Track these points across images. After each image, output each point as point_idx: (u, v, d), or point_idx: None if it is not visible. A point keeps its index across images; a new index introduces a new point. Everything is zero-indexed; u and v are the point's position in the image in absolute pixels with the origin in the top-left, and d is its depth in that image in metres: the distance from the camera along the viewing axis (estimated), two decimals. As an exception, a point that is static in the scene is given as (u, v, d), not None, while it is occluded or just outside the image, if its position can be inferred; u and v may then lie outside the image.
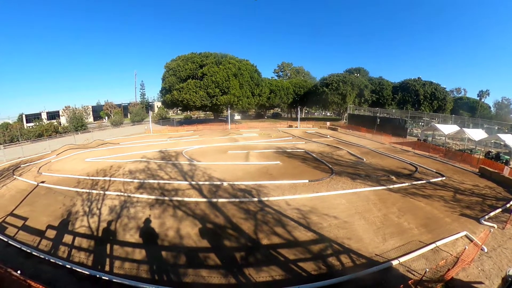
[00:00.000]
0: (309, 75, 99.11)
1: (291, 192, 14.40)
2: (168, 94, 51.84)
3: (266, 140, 33.04)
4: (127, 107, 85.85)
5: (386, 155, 24.02)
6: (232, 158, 22.57)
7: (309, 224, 10.78)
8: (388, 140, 32.43)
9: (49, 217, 11.83)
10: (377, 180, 16.58)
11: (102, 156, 23.92)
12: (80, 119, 54.30)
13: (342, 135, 38.25)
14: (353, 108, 56.24)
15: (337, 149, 26.61)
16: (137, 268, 8.14)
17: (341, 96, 56.36)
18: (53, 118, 71.69)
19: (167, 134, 41.34)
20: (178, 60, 53.02)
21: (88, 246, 9.47)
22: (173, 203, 13.03)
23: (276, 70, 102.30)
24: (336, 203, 12.95)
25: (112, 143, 32.87)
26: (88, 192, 14.68)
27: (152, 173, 18.09)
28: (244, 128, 49.15)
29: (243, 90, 50.62)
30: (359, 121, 46.80)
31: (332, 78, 58.18)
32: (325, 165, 20.20)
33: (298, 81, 71.30)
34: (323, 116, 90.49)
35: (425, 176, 17.50)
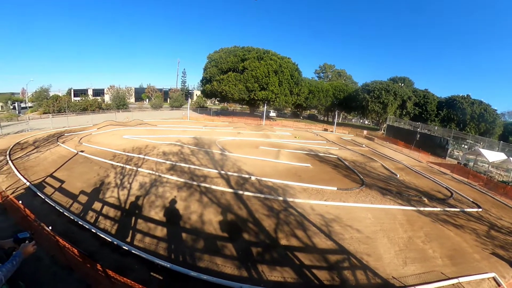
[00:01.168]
0: (351, 79, 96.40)
1: (318, 197, 14.03)
2: (208, 84, 53.01)
3: (299, 141, 32.70)
4: (167, 92, 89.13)
5: (421, 174, 22.66)
6: (263, 154, 22.55)
7: (331, 233, 10.43)
8: (426, 159, 30.55)
9: (83, 183, 12.68)
10: (408, 199, 15.66)
11: (139, 135, 25.11)
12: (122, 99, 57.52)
13: (378, 146, 36.77)
14: (393, 119, 53.09)
15: (371, 160, 25.62)
16: (156, 244, 8.38)
17: (382, 105, 53.92)
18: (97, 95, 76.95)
19: (203, 122, 42.37)
20: (221, 52, 53.98)
21: (115, 216, 9.95)
22: (201, 188, 13.23)
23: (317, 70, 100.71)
24: (361, 216, 12.42)
25: (150, 124, 34.45)
26: (122, 166, 15.42)
27: (184, 157, 18.57)
28: (278, 125, 48.89)
29: (281, 88, 50.30)
30: (398, 134, 44.59)
31: (375, 85, 55.80)
32: (356, 175, 19.50)
33: (339, 84, 69.46)
34: (361, 123, 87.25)
35: (460, 204, 16.13)
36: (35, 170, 14.43)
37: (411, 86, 66.76)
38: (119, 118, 36.69)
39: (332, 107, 67.78)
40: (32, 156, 17.01)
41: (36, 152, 17.97)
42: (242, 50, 53.26)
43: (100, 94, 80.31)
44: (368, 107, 55.31)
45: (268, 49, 53.94)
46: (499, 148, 35.21)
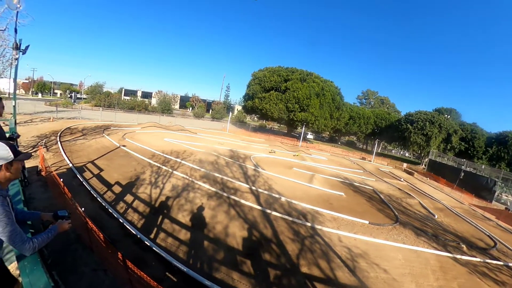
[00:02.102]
0: (394, 107, 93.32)
1: (347, 228, 13.23)
2: (250, 100, 54.29)
3: (334, 167, 31.85)
4: (210, 103, 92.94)
5: (462, 218, 20.60)
6: (296, 176, 22.10)
7: (355, 269, 9.66)
8: (469, 201, 27.84)
9: (120, 175, 13.36)
10: (444, 244, 14.17)
11: (179, 140, 26.08)
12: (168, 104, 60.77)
13: (417, 182, 34.46)
14: (436, 153, 48.62)
15: (408, 196, 24.03)
16: (177, 246, 8.40)
17: (425, 137, 51.05)
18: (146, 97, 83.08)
19: (240, 137, 42.91)
20: (265, 71, 55.32)
21: (143, 211, 10.23)
22: (230, 200, 13.17)
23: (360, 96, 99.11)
24: (391, 255, 11.47)
25: (190, 131, 35.72)
26: (159, 166, 15.97)
27: (219, 168, 18.78)
28: (315, 149, 48.09)
29: (322, 111, 49.98)
30: (440, 170, 41.40)
31: (419, 116, 53.18)
32: (391, 210, 18.29)
33: (381, 112, 67.36)
34: (401, 155, 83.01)
35: (504, 257, 14.19)
36: (79, 154, 15.78)
37: (458, 118, 61.94)
38: (162, 121, 38.67)
39: (372, 135, 65.65)
40: (79, 142, 18.72)
41: (83, 139, 19.76)
42: (286, 70, 54.13)
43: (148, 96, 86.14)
44: (410, 139, 52.62)
45: (311, 71, 54.46)
46: None
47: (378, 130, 64.35)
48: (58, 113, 31.67)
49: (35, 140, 17.97)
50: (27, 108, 33.28)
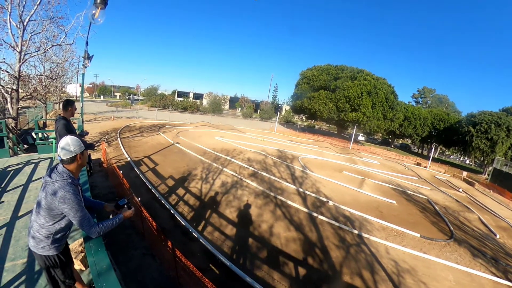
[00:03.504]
0: (454, 107, 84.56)
1: (396, 240, 12.34)
2: (299, 100, 53.79)
3: (386, 172, 30.15)
4: (258, 104, 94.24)
5: None
6: (345, 180, 21.28)
7: (400, 285, 8.82)
8: None
9: (173, 170, 14.37)
10: (505, 270, 12.23)
11: (229, 139, 27.02)
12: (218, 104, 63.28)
13: (478, 194, 30.71)
14: (502, 161, 41.46)
15: (466, 210, 21.40)
16: (223, 240, 8.69)
17: (489, 142, 44.16)
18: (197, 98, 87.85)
19: (288, 137, 42.68)
20: (314, 69, 54.27)
21: (193, 204, 10.80)
22: (276, 201, 13.19)
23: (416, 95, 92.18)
24: (441, 275, 10.27)
25: (240, 130, 36.71)
26: (210, 163, 16.69)
27: (267, 167, 18.95)
28: (366, 151, 45.78)
29: (374, 111, 47.37)
30: (507, 182, 35.39)
31: (482, 117, 45.94)
32: (445, 224, 16.46)
33: (439, 113, 60.17)
34: (460, 162, 74.38)
35: None
36: (136, 150, 17.47)
37: None
38: (213, 121, 40.68)
39: (428, 139, 59.75)
40: (136, 138, 20.76)
41: (140, 136, 21.83)
42: (335, 68, 52.55)
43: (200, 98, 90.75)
44: (472, 143, 46.13)
45: (362, 69, 51.66)
46: None
47: (436, 132, 57.74)
48: (118, 113, 36.53)
49: (98, 136, 20.39)
50: (91, 108, 38.62)
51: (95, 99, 73.75)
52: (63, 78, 20.11)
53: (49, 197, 2.52)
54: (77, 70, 20.84)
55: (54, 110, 31.20)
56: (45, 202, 2.56)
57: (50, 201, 2.52)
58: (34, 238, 2.68)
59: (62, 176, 2.58)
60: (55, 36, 14.56)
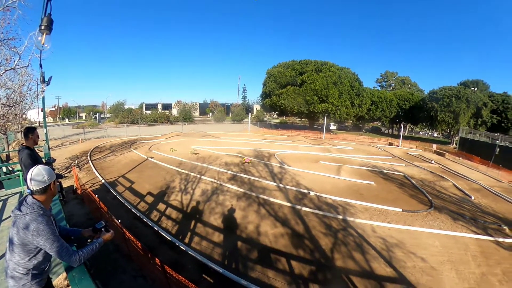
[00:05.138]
0: (416, 86, 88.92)
1: (380, 218, 12.85)
2: (268, 98, 54.34)
3: (361, 156, 31.14)
4: (229, 107, 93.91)
5: (501, 197, 19.05)
6: (323, 169, 21.79)
7: (391, 259, 9.35)
8: (508, 178, 25.85)
9: (150, 185, 13.95)
10: (484, 227, 13.11)
11: (203, 146, 26.63)
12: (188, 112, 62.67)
13: (449, 163, 32.72)
14: (466, 130, 45.64)
15: (441, 179, 22.85)
16: (212, 248, 8.62)
17: (452, 114, 47.91)
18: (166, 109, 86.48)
19: (262, 135, 43.04)
20: (279, 67, 55.04)
21: (176, 217, 10.60)
22: (259, 200, 13.27)
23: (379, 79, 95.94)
24: (427, 243, 10.91)
25: (213, 136, 36.41)
26: (187, 173, 16.41)
27: (245, 168, 18.99)
28: (339, 139, 47.14)
29: (342, 100, 48.84)
30: (473, 148, 38.70)
31: (443, 92, 49.92)
32: (424, 195, 17.46)
33: (403, 93, 63.75)
34: (429, 136, 78.89)
35: None
36: (110, 170, 16.76)
37: (486, 90, 57.05)
38: (185, 129, 40.08)
39: (397, 119, 62.75)
40: (108, 159, 19.90)
41: (112, 155, 20.95)
42: (299, 63, 53.56)
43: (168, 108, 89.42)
44: (437, 118, 49.70)
45: (326, 61, 53.22)
46: None
47: (402, 112, 61.00)
48: (86, 134, 34.74)
49: (68, 162, 19.32)
50: (56, 133, 36.24)
51: (59, 123, 70.20)
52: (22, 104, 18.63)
53: (21, 232, 2.42)
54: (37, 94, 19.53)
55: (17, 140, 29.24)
56: (17, 238, 2.45)
57: (23, 236, 2.42)
58: (13, 278, 2.54)
59: (33, 208, 2.47)
60: (8, 60, 13.18)
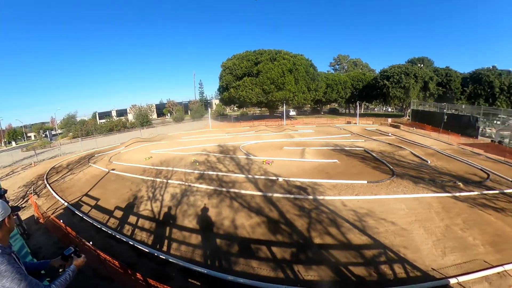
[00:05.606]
0: (368, 67, 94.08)
1: (348, 192, 13.67)
2: (225, 92, 53.80)
3: (322, 137, 32.25)
4: (187, 104, 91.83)
5: (453, 158, 21.30)
6: (288, 154, 22.40)
7: (365, 228, 10.09)
8: (457, 141, 28.76)
9: (117, 199, 13.28)
10: (442, 186, 14.73)
11: (165, 149, 25.77)
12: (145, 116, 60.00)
13: (404, 133, 35.31)
14: (417, 103, 49.39)
15: (399, 149, 24.69)
16: (192, 251, 8.58)
17: (403, 89, 52.18)
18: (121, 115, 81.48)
19: (225, 130, 42.75)
20: (234, 59, 54.61)
21: (150, 227, 10.31)
22: (230, 194, 13.35)
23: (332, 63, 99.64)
24: (395, 207, 11.91)
25: (174, 137, 35.35)
26: (153, 180, 15.88)
27: (211, 165, 18.86)
28: (300, 124, 48.52)
29: (298, 86, 49.91)
30: (424, 118, 42.32)
31: (393, 70, 54.08)
32: (385, 165, 18.82)
33: (356, 74, 67.89)
34: (384, 112, 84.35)
35: (499, 186, 14.77)
36: (71, 190, 15.53)
37: (431, 66, 63.52)
38: (144, 134, 38.23)
39: (352, 99, 66.35)
40: (67, 178, 18.30)
41: (71, 174, 19.33)
42: (254, 54, 53.52)
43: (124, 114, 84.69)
44: (390, 94, 53.69)
45: (279, 49, 53.82)
46: None
47: (357, 92, 64.84)
48: (38, 156, 30.76)
49: (23, 190, 17.40)
50: (4, 160, 30.93)
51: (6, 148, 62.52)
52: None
53: None
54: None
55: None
56: None
57: None
58: None
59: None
60: None
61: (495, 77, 51.01)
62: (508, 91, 50.39)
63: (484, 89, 52.17)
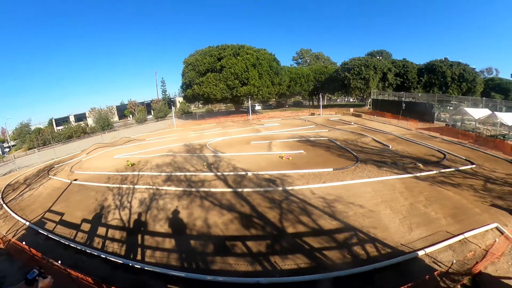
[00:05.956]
0: (329, 60, 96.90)
1: (316, 181, 14.25)
2: (189, 89, 52.59)
3: (288, 129, 32.83)
4: (150, 104, 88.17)
5: (412, 142, 23.06)
6: (255, 149, 22.65)
7: (334, 213, 10.64)
8: (415, 126, 31.02)
9: (83, 211, 12.53)
10: (403, 168, 15.98)
11: (129, 153, 24.75)
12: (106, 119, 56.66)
13: (366, 122, 37.17)
14: (376, 93, 53.46)
15: (361, 136, 25.97)
16: (167, 256, 8.46)
17: (363, 80, 54.67)
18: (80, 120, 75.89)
19: (190, 128, 42.03)
20: (196, 54, 53.45)
21: (121, 237, 9.94)
22: (200, 194, 13.28)
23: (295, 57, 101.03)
24: (361, 191, 12.66)
25: (138, 139, 33.98)
26: (118, 187, 15.25)
27: (179, 166, 18.53)
28: (265, 118, 49.00)
29: (262, 80, 50.17)
30: (384, 107, 45.02)
31: (354, 63, 56.42)
32: (349, 153, 19.78)
33: (318, 67, 69.92)
34: (346, 102, 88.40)
35: (454, 164, 16.49)
36: (32, 208, 14.26)
37: (389, 58, 68.05)
38: (106, 139, 36.16)
39: (315, 91, 68.27)
40: (26, 195, 16.70)
41: (29, 190, 17.64)
42: (217, 49, 52.70)
43: (83, 118, 79.15)
44: (351, 85, 55.96)
45: (243, 44, 53.46)
46: (482, 105, 36.03)
47: (320, 84, 67.20)
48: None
49: None
50: None
51: None
52: None
53: None
54: None
55: None
56: None
57: None
58: None
59: None
60: None
61: (447, 67, 55.54)
62: (458, 80, 55.01)
63: (438, 79, 56.59)
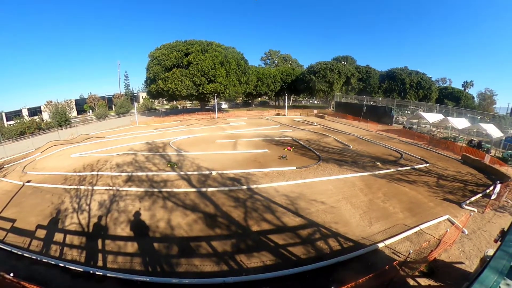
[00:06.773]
0: (297, 62, 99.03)
1: (279, 179, 14.72)
2: (153, 84, 50.69)
3: (254, 129, 33.12)
4: (111, 99, 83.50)
5: (372, 142, 24.62)
6: (220, 148, 22.63)
7: (298, 210, 11.12)
8: (375, 128, 33.11)
9: (37, 216, 11.42)
10: (363, 166, 17.08)
11: (88, 151, 23.33)
12: (63, 114, 52.36)
13: (329, 123, 38.75)
14: (340, 96, 57.30)
15: (324, 137, 27.06)
16: (130, 261, 8.22)
17: (328, 84, 57.27)
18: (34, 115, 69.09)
19: (153, 125, 40.62)
20: (163, 48, 51.70)
21: (80, 243, 9.34)
22: (163, 194, 13.08)
23: (263, 57, 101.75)
24: (323, 189, 13.33)
25: (97, 137, 32.05)
26: (76, 188, 14.34)
27: (140, 165, 17.98)
28: (232, 117, 49.02)
29: (229, 78, 49.88)
30: (346, 109, 47.37)
31: (320, 66, 58.73)
32: (312, 152, 20.58)
33: (285, 69, 71.50)
34: (311, 104, 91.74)
35: (410, 163, 18.13)
36: None
37: (353, 63, 71.78)
38: (63, 136, 33.53)
39: (281, 92, 69.76)
40: None
41: None
42: (184, 44, 51.34)
43: (37, 112, 72.22)
44: (316, 87, 58.43)
45: (211, 41, 52.70)
46: (437, 110, 40.49)
47: (286, 85, 68.99)
48: None
49: None
50: None
51: None
52: None
53: None
54: None
55: None
56: None
57: None
58: None
59: None
60: None
61: (407, 75, 60.99)
62: (416, 87, 60.50)
63: (398, 85, 61.85)
